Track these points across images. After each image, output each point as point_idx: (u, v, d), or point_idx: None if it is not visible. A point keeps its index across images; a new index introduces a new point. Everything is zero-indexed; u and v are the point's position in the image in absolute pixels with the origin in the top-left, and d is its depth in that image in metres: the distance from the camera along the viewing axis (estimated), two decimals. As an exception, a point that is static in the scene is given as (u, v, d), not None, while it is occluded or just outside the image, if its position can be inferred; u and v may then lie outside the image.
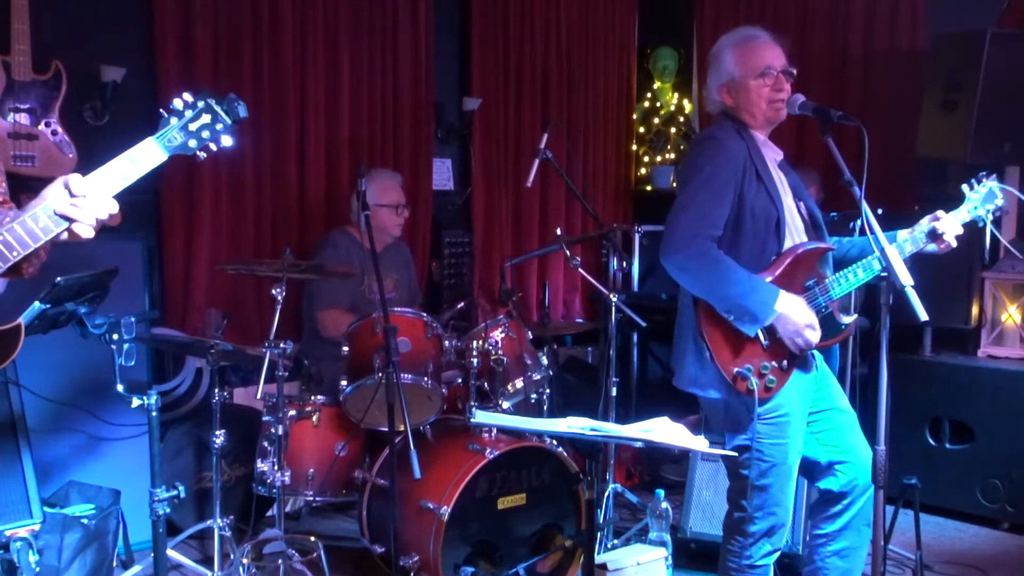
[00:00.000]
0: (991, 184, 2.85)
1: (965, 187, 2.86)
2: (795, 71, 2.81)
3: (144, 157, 1.98)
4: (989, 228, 2.88)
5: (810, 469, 2.86)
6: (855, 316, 2.86)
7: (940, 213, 2.79)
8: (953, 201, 2.84)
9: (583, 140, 5.85)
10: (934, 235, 2.77)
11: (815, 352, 2.80)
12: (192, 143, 2.03)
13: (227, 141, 2.07)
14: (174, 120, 2.02)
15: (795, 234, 2.80)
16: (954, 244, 2.78)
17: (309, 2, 4.54)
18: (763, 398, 2.68)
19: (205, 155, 2.07)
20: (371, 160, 4.76)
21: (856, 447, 2.83)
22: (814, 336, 2.67)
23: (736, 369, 2.67)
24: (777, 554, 2.83)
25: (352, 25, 4.72)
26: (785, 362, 2.70)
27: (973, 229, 2.87)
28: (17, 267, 2.02)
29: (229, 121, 2.05)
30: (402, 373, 3.21)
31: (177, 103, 2.03)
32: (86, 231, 1.95)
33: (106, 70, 3.92)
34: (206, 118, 2.03)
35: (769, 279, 2.69)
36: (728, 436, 2.80)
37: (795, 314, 2.65)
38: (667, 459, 4.78)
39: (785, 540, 2.88)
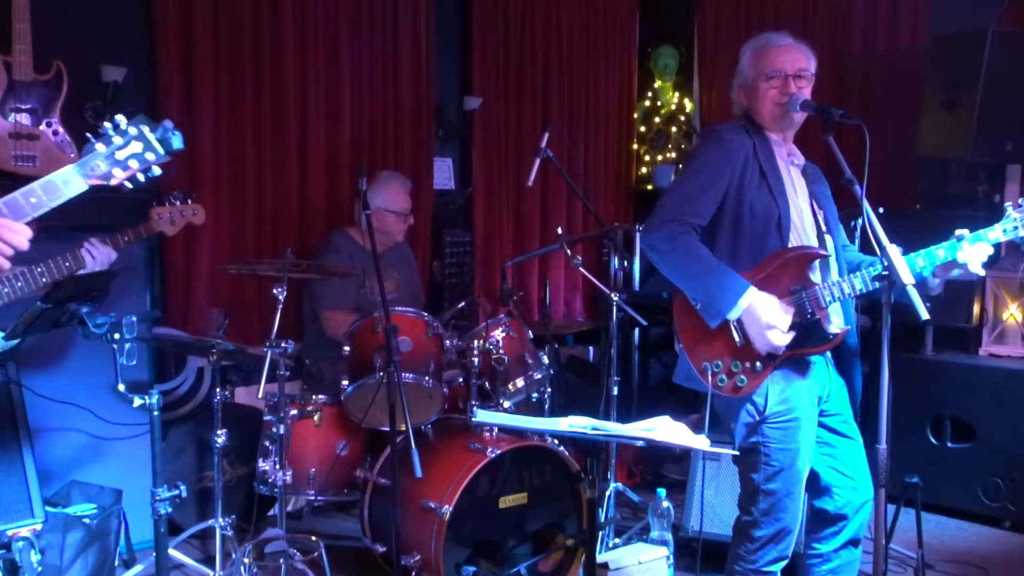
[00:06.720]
0: None
1: (1009, 205, 2.64)
2: (810, 72, 2.78)
3: (59, 186, 1.83)
4: None
5: (810, 481, 2.81)
6: (847, 327, 2.73)
7: (964, 238, 2.60)
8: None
9: (584, 139, 5.85)
10: (956, 264, 2.63)
11: (816, 358, 2.74)
12: (117, 172, 1.85)
13: (155, 171, 1.90)
14: (100, 147, 1.85)
15: (803, 237, 2.77)
16: (982, 272, 2.63)
17: (310, 1, 4.54)
18: (739, 396, 2.67)
19: (132, 186, 1.89)
20: (372, 159, 4.76)
21: (857, 474, 2.80)
22: (779, 339, 2.61)
23: (704, 363, 2.67)
24: (784, 562, 2.78)
25: (353, 24, 4.72)
26: (759, 363, 2.65)
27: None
28: None
29: (162, 152, 1.87)
30: (403, 372, 3.21)
31: (107, 126, 1.86)
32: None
33: (107, 70, 3.92)
34: (136, 146, 1.86)
35: (756, 278, 2.65)
36: (736, 435, 2.78)
37: (763, 313, 2.60)
38: (668, 458, 4.79)
39: (792, 549, 2.83)
